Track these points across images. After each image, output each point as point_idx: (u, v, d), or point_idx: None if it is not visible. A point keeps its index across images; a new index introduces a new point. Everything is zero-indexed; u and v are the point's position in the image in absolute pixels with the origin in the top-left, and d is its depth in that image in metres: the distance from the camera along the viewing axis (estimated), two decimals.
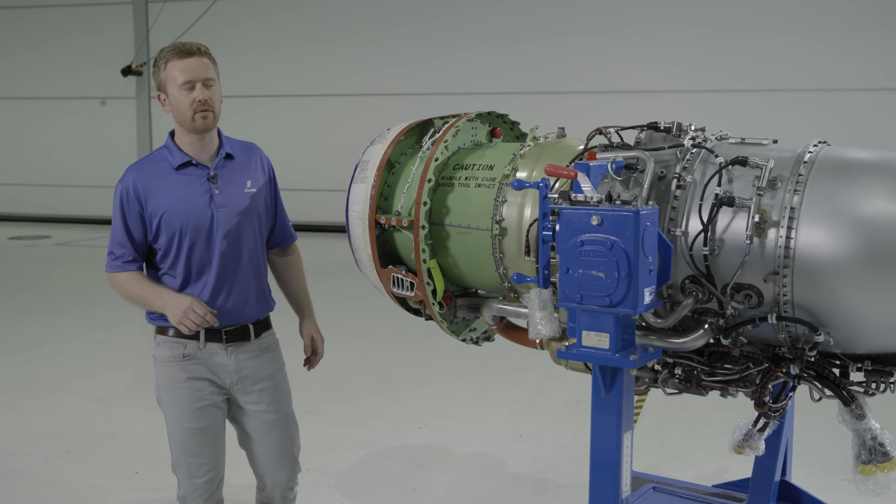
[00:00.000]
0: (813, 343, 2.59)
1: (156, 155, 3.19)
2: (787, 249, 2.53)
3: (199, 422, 3.16)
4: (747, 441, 3.14)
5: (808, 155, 2.65)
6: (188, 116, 3.04)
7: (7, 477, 4.69)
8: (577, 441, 5.16)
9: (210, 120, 3.07)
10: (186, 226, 3.08)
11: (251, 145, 3.34)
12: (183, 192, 3.10)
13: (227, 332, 3.17)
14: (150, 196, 3.09)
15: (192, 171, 3.13)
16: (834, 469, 4.67)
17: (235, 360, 3.18)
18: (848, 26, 12.44)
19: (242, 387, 3.21)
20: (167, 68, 3.04)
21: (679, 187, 2.72)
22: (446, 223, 3.22)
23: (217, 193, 3.12)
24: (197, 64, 3.03)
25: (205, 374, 3.15)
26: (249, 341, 3.22)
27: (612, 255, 2.28)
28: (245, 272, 3.19)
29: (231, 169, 3.19)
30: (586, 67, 13.66)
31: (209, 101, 3.04)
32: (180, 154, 3.13)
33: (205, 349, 3.15)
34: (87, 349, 7.41)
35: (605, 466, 2.43)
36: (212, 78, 3.07)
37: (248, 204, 3.18)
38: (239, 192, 3.17)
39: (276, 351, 3.35)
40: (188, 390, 3.14)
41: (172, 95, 3.05)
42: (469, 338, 3.55)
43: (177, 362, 3.14)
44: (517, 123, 3.62)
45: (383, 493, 4.54)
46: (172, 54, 3.04)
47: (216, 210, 3.11)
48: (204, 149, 3.15)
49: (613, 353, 2.36)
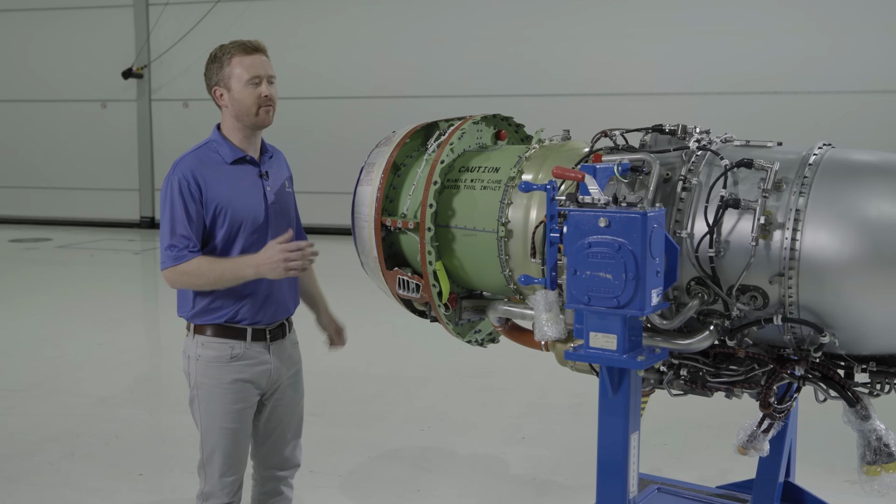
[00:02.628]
0: (818, 344, 2.60)
1: (204, 148, 3.18)
2: (792, 251, 2.54)
3: (237, 422, 3.17)
4: (751, 442, 3.15)
5: (812, 157, 2.67)
6: (252, 111, 3.10)
7: (11, 479, 4.70)
8: (580, 442, 5.18)
9: (271, 115, 3.16)
10: (246, 220, 3.11)
11: (276, 149, 3.42)
12: (240, 187, 3.14)
13: (270, 331, 3.21)
14: (209, 188, 3.08)
15: (246, 166, 3.19)
16: (836, 470, 4.68)
17: (276, 358, 3.23)
18: (850, 29, 12.47)
19: (277, 383, 3.26)
20: (231, 63, 3.10)
21: (685, 189, 2.73)
22: (452, 225, 3.24)
23: (268, 190, 3.20)
24: (262, 60, 3.14)
25: (249, 376, 3.16)
26: (286, 338, 3.28)
27: (619, 256, 2.30)
28: None
29: (273, 167, 3.29)
30: (588, 70, 13.68)
31: (272, 96, 3.14)
32: (233, 148, 3.16)
33: (251, 348, 3.16)
34: (89, 351, 7.42)
35: (613, 467, 2.45)
36: (274, 75, 3.18)
37: (290, 200, 3.32)
38: (283, 190, 3.29)
39: (297, 344, 3.41)
40: (232, 391, 3.14)
41: (236, 90, 3.09)
42: (474, 339, 3.57)
43: (224, 363, 3.14)
44: (522, 126, 3.64)
45: (387, 495, 4.55)
46: (238, 50, 3.11)
47: (269, 206, 3.18)
48: (253, 145, 3.21)
49: (621, 354, 2.37)
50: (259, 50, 3.15)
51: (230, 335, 3.13)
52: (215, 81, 3.15)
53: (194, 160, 3.11)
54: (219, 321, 3.12)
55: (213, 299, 3.12)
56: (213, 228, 3.10)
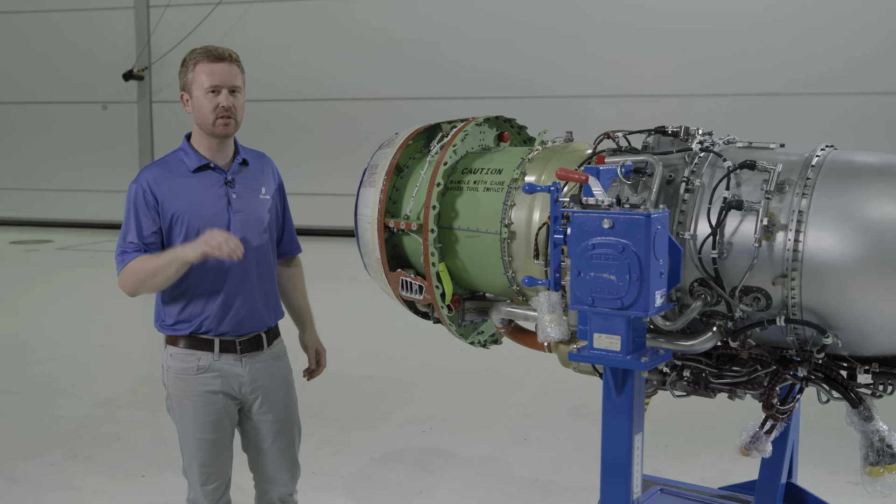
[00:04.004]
0: (821, 345, 2.60)
1: (171, 157, 3.16)
2: (795, 252, 2.54)
3: (211, 433, 3.14)
4: (754, 443, 3.14)
5: (815, 159, 2.67)
6: (209, 121, 3.05)
7: (14, 480, 4.70)
8: (582, 444, 5.19)
9: (231, 127, 3.08)
10: (203, 230, 3.00)
11: (262, 154, 3.35)
12: (200, 196, 3.08)
13: (241, 343, 3.15)
14: (167, 198, 3.05)
15: (210, 174, 3.12)
16: (838, 471, 4.69)
17: (250, 371, 3.16)
18: (849, 30, 12.48)
19: (255, 396, 3.19)
20: (195, 70, 3.04)
21: (688, 191, 2.73)
22: (455, 227, 3.24)
23: (234, 198, 3.12)
24: (226, 70, 3.04)
25: (220, 386, 3.12)
26: (263, 350, 3.20)
27: (623, 258, 2.30)
28: (259, 280, 3.18)
29: (246, 175, 3.20)
30: (587, 71, 13.70)
31: (232, 108, 3.05)
32: (197, 157, 3.11)
33: (219, 360, 3.12)
34: (90, 353, 7.43)
35: (616, 468, 2.45)
36: (238, 86, 3.08)
37: (263, 211, 3.19)
38: (254, 199, 3.18)
39: (285, 359, 3.33)
40: (202, 403, 3.12)
41: (196, 98, 3.05)
42: (477, 341, 3.57)
43: (192, 375, 3.11)
44: (525, 128, 3.64)
45: (389, 496, 4.56)
46: (203, 57, 3.05)
47: (233, 215, 3.10)
48: (221, 153, 3.14)
49: (625, 355, 2.38)
50: (224, 59, 3.06)
51: (197, 346, 3.10)
52: (182, 86, 3.12)
53: (157, 169, 3.11)
54: (185, 332, 3.10)
55: (180, 310, 3.10)
56: (171, 236, 3.07)
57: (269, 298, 3.22)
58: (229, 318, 3.10)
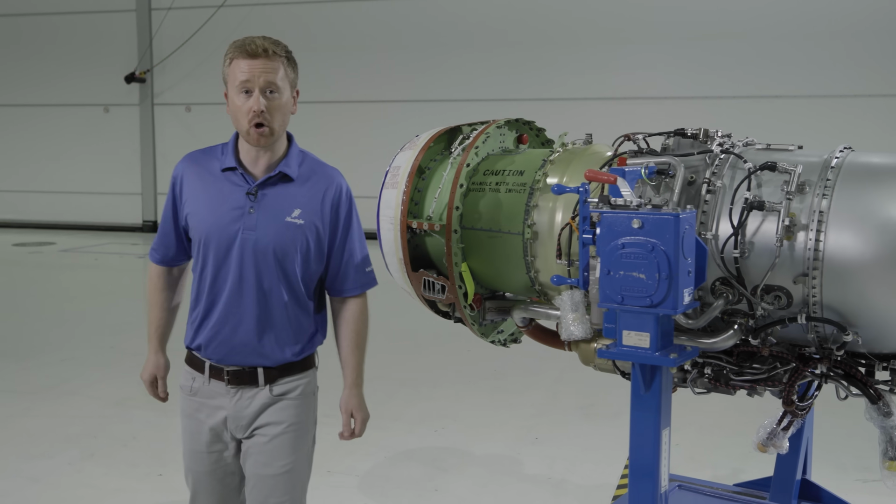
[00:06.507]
0: (841, 342, 2.66)
1: (213, 149, 2.83)
2: (816, 252, 2.61)
3: (196, 464, 2.87)
4: (772, 439, 3.21)
5: (834, 160, 2.74)
6: (243, 127, 2.65)
7: (33, 479, 4.74)
8: (593, 443, 5.24)
9: (266, 136, 2.65)
10: (210, 237, 2.73)
11: (328, 172, 2.84)
12: (216, 202, 2.73)
13: (229, 373, 2.78)
14: (189, 195, 2.78)
15: (236, 179, 2.74)
16: (847, 469, 4.76)
17: (237, 405, 2.78)
18: (852, 33, 12.58)
19: (243, 433, 2.82)
20: (231, 65, 2.65)
21: (709, 192, 2.80)
22: (477, 227, 3.30)
23: (250, 213, 2.71)
24: (260, 67, 2.60)
25: (205, 417, 2.81)
26: (258, 387, 2.79)
27: (652, 257, 2.36)
28: (265, 310, 2.75)
29: (281, 191, 2.74)
30: (590, 75, 13.78)
31: (266, 113, 2.61)
32: (232, 157, 2.74)
33: (209, 385, 2.80)
34: (100, 354, 7.46)
35: (645, 462, 2.52)
36: (275, 84, 2.62)
37: (285, 234, 2.72)
38: (277, 219, 2.72)
39: (296, 399, 2.86)
40: (189, 430, 2.86)
41: (231, 98, 2.67)
42: (497, 339, 3.63)
43: (187, 394, 2.87)
44: (543, 130, 3.71)
45: (406, 494, 4.61)
46: (237, 51, 2.64)
47: (242, 231, 2.70)
48: (260, 159, 2.74)
49: (654, 351, 2.44)
50: (260, 54, 2.61)
51: (193, 364, 2.84)
52: (223, 80, 2.72)
53: (192, 159, 2.83)
54: (188, 343, 2.85)
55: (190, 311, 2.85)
56: (188, 237, 2.84)
57: (279, 336, 2.78)
58: (216, 344, 2.77)
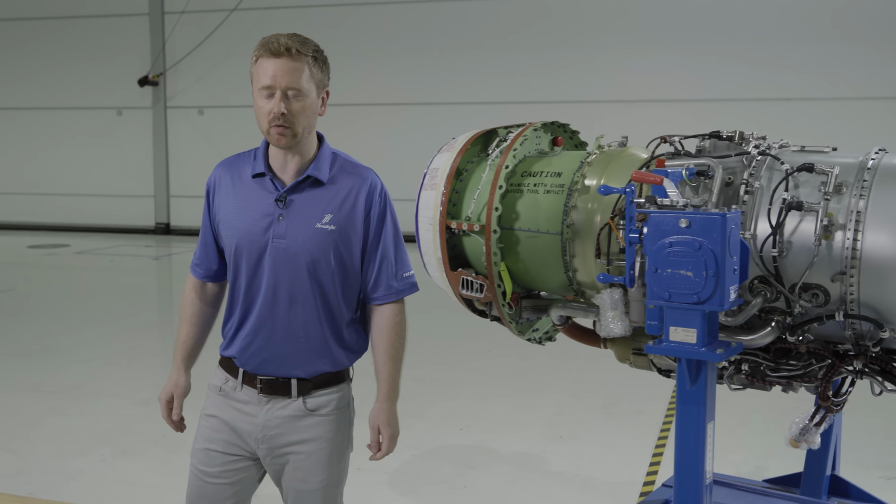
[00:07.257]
0: (878, 339, 2.74)
1: (245, 156, 2.77)
2: (854, 251, 2.68)
3: (199, 462, 2.79)
4: (804, 435, 3.27)
5: (870, 162, 2.81)
6: (264, 127, 2.57)
7: (69, 476, 4.83)
8: (617, 440, 5.32)
9: (288, 139, 2.56)
10: (241, 246, 2.66)
11: (362, 173, 2.73)
12: (246, 209, 2.66)
13: (262, 381, 2.71)
14: (221, 202, 2.72)
15: (266, 185, 2.66)
16: (869, 467, 4.83)
17: (267, 414, 2.71)
18: (858, 36, 12.64)
19: (270, 447, 2.72)
20: (256, 65, 2.56)
21: (747, 192, 2.87)
22: (516, 227, 3.37)
23: (279, 221, 2.62)
24: (284, 67, 2.50)
25: (230, 418, 2.74)
26: (291, 398, 2.71)
27: (699, 255, 2.44)
28: (299, 320, 2.66)
29: (311, 196, 2.65)
30: (595, 78, 13.87)
31: (288, 116, 2.52)
32: (262, 162, 2.67)
33: (241, 391, 2.73)
34: (122, 355, 7.55)
35: (691, 454, 2.59)
36: (298, 88, 2.52)
37: (316, 242, 2.62)
38: (307, 226, 2.62)
39: (331, 414, 2.76)
40: (205, 426, 2.80)
41: (254, 98, 2.57)
42: (533, 337, 3.70)
43: (214, 392, 2.80)
44: (577, 132, 3.78)
45: (435, 491, 4.68)
46: (263, 49, 2.54)
47: (272, 239, 2.62)
48: (289, 163, 2.66)
49: (700, 347, 2.51)
50: (283, 53, 2.50)
51: (227, 368, 2.78)
52: (250, 78, 2.62)
53: (225, 165, 2.77)
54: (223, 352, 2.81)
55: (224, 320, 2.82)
56: (220, 244, 2.78)
57: (309, 344, 2.69)
58: (250, 353, 2.71)
